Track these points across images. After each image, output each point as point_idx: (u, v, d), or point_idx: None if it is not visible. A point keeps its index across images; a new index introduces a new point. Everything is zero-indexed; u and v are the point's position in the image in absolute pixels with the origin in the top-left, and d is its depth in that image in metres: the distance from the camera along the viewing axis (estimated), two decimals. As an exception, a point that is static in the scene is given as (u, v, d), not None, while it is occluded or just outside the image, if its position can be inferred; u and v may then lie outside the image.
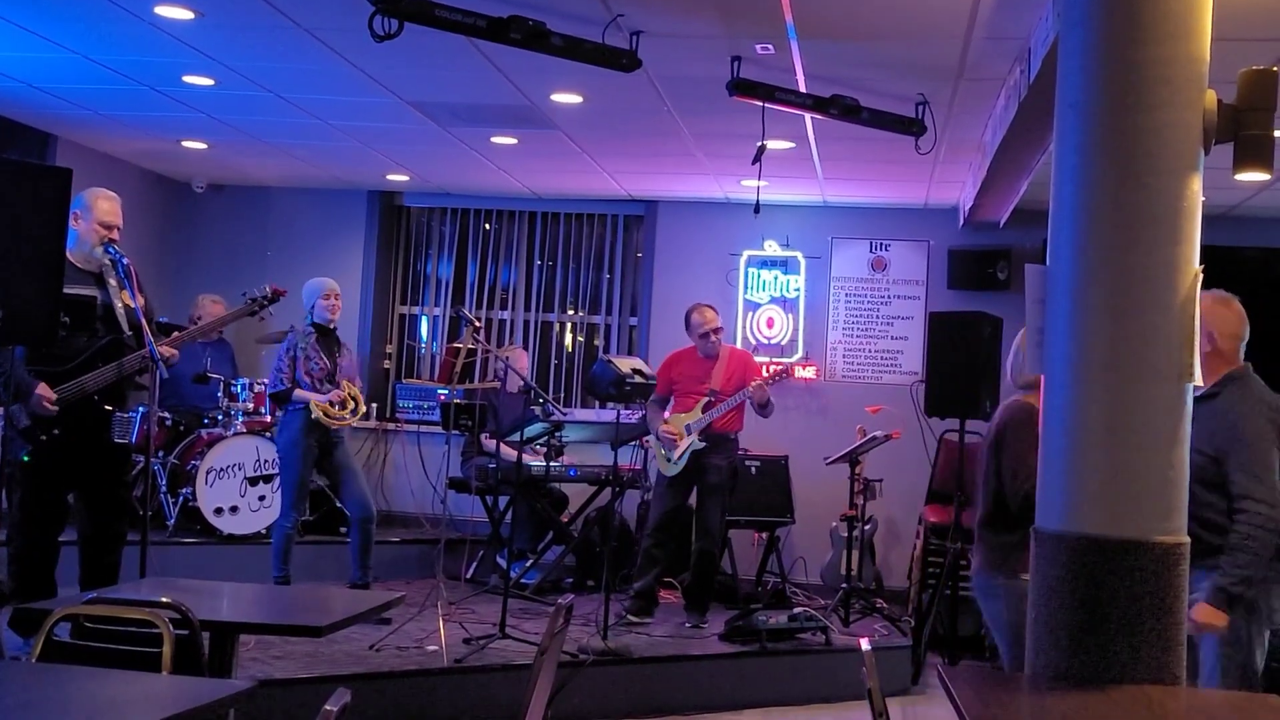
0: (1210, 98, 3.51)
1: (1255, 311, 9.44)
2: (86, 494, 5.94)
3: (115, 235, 5.92)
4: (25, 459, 5.69)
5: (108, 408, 5.86)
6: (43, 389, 5.58)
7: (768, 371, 7.96)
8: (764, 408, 7.74)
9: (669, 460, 7.71)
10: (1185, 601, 3.43)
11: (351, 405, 7.43)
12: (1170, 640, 3.38)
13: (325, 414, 7.27)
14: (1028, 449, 4.32)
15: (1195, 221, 3.48)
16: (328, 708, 2.59)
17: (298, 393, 7.29)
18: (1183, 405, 3.46)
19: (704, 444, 7.67)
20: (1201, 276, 3.46)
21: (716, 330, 7.87)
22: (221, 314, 9.32)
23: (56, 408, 5.61)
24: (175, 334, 6.27)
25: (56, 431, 5.68)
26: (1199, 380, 3.46)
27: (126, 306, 5.91)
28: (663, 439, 7.73)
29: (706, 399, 7.69)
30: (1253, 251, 9.14)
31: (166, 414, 8.77)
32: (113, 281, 5.91)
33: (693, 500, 7.91)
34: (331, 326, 7.52)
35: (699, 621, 7.68)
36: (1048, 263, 3.65)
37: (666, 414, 7.82)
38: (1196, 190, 3.48)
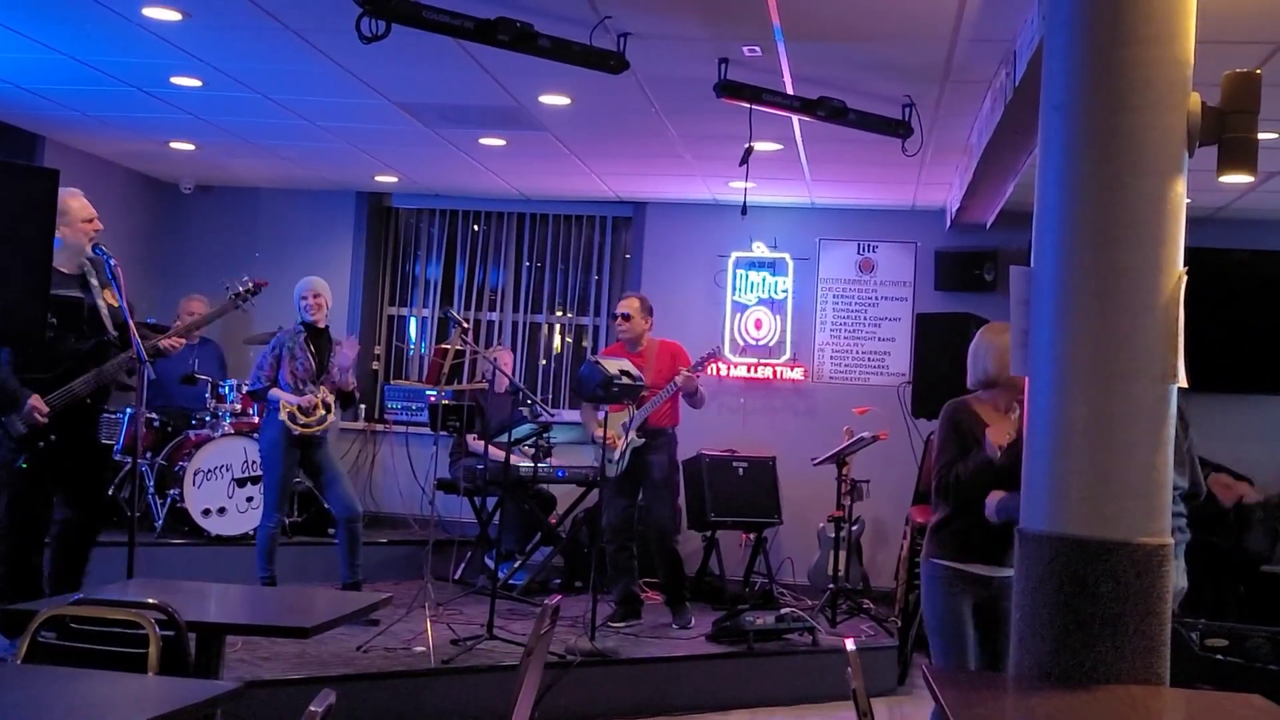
0: (1194, 100, 3.53)
1: (1244, 313, 9.51)
2: (71, 493, 5.95)
3: (99, 224, 5.95)
4: (24, 466, 5.69)
5: (92, 404, 5.88)
6: (35, 400, 5.60)
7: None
8: (693, 396, 7.65)
9: (610, 462, 7.57)
10: (1169, 602, 3.45)
11: (320, 414, 7.37)
12: (1154, 640, 3.40)
13: (291, 417, 7.25)
14: (943, 440, 4.75)
15: (1179, 223, 3.50)
16: (312, 708, 2.60)
17: (273, 391, 7.30)
18: (1166, 406, 3.47)
19: (643, 440, 7.62)
20: (1185, 278, 3.48)
21: (626, 317, 7.79)
22: (205, 312, 9.34)
23: (47, 419, 5.63)
24: (177, 324, 6.27)
25: (53, 438, 5.70)
26: (1183, 381, 3.48)
27: (111, 306, 5.91)
28: (598, 444, 7.53)
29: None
30: (1241, 254, 9.17)
31: (154, 415, 8.77)
32: (95, 282, 5.91)
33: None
34: (322, 326, 7.51)
35: (682, 621, 7.66)
36: (1032, 264, 3.67)
37: (601, 414, 7.58)
38: (1180, 192, 3.49)
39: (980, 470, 4.59)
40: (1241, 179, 3.65)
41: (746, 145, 6.78)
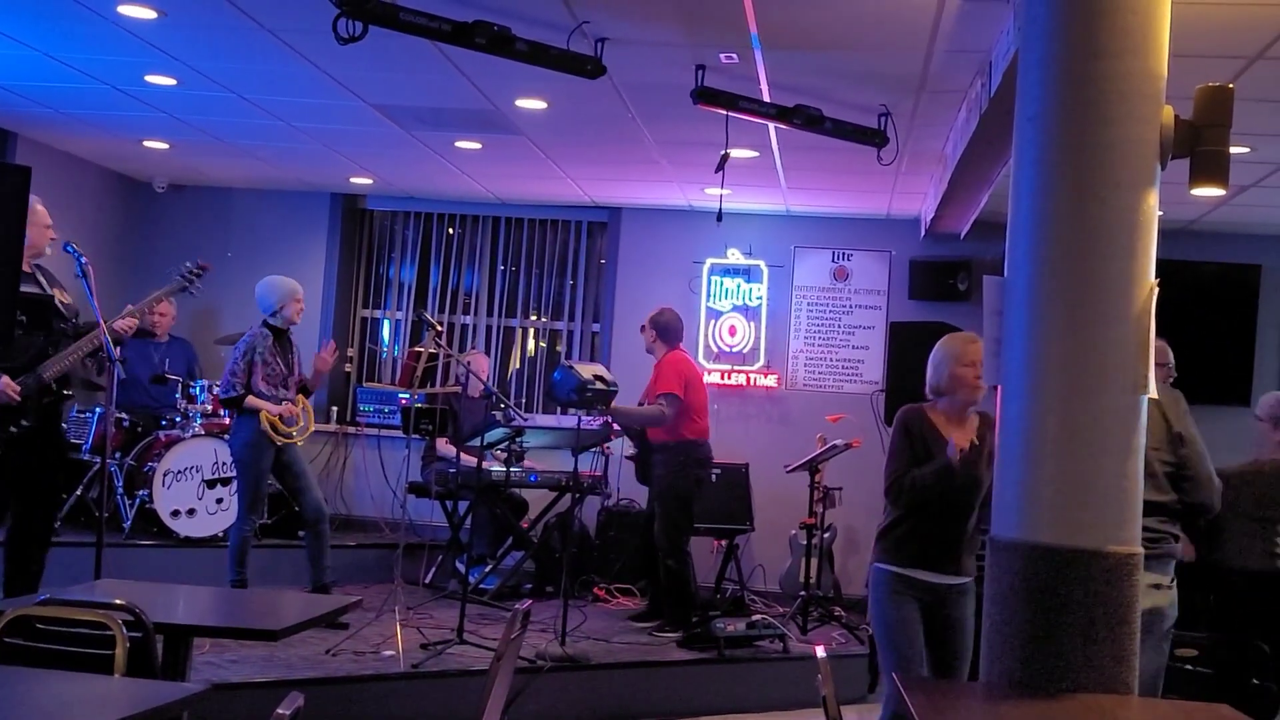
0: (1167, 113, 3.55)
1: (1212, 325, 9.58)
2: (26, 489, 5.95)
3: (55, 234, 6.07)
4: None
5: (66, 392, 5.95)
6: (6, 380, 5.66)
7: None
8: (623, 430, 8.00)
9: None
10: (1138, 611, 3.47)
11: (301, 423, 7.37)
12: (1123, 650, 3.41)
13: (274, 428, 7.20)
14: (896, 445, 4.79)
15: (1151, 235, 3.52)
16: (280, 711, 2.58)
17: (250, 400, 7.20)
18: (1137, 416, 3.49)
19: (634, 450, 7.94)
20: (1157, 290, 3.50)
21: (642, 328, 8.07)
22: (171, 310, 9.35)
23: (19, 397, 5.65)
24: (127, 308, 6.27)
25: (25, 423, 5.72)
26: (1153, 392, 3.50)
27: (64, 302, 5.96)
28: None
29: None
30: (1211, 266, 9.25)
31: (124, 415, 8.72)
32: (43, 280, 5.95)
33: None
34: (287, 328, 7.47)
35: (654, 627, 7.71)
36: (1005, 274, 3.68)
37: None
38: (1152, 205, 3.51)
39: (939, 475, 4.63)
40: (1213, 192, 3.67)
41: (722, 152, 6.79)
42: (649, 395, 7.79)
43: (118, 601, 3.45)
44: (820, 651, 3.51)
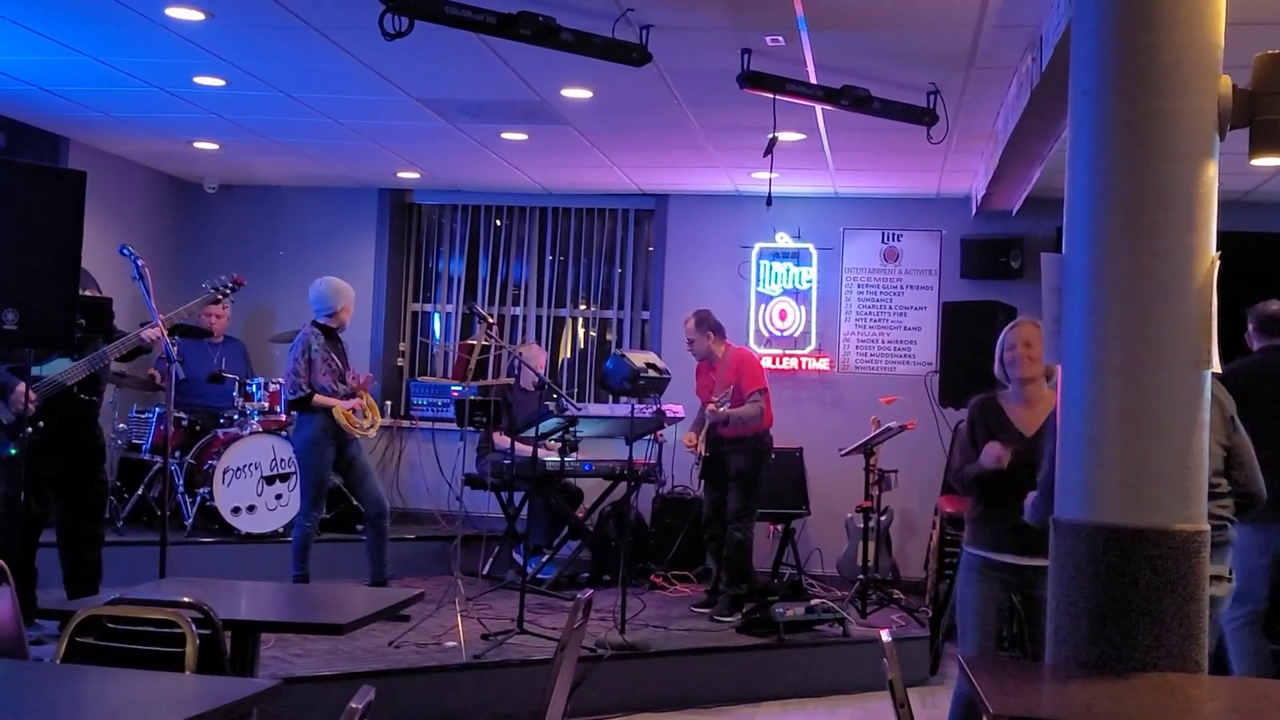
0: (1225, 83, 3.50)
1: (1269, 298, 9.42)
2: (62, 488, 6.02)
3: None
4: (13, 453, 5.79)
5: (85, 397, 5.99)
6: (23, 387, 5.69)
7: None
8: (726, 426, 7.89)
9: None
10: (1206, 589, 3.43)
11: (370, 417, 7.43)
12: (1191, 628, 3.38)
13: (349, 422, 7.26)
14: (962, 437, 4.90)
15: (1211, 207, 3.47)
16: (353, 705, 2.60)
17: (319, 399, 7.22)
18: (1201, 392, 3.45)
19: (709, 452, 8.04)
20: (1219, 263, 3.45)
21: (690, 340, 8.15)
22: (226, 311, 9.44)
23: (35, 405, 5.73)
24: (160, 317, 6.30)
25: (42, 424, 5.80)
26: (1216, 367, 3.46)
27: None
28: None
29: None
30: (1268, 237, 9.10)
31: (183, 414, 8.81)
32: None
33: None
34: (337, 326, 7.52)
35: (715, 611, 7.74)
36: (1063, 251, 3.64)
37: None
38: (1212, 176, 3.47)
39: (973, 483, 4.74)
40: (1274, 162, 3.62)
41: (770, 135, 6.76)
42: (739, 392, 7.83)
43: (186, 600, 3.49)
44: (886, 635, 3.50)
